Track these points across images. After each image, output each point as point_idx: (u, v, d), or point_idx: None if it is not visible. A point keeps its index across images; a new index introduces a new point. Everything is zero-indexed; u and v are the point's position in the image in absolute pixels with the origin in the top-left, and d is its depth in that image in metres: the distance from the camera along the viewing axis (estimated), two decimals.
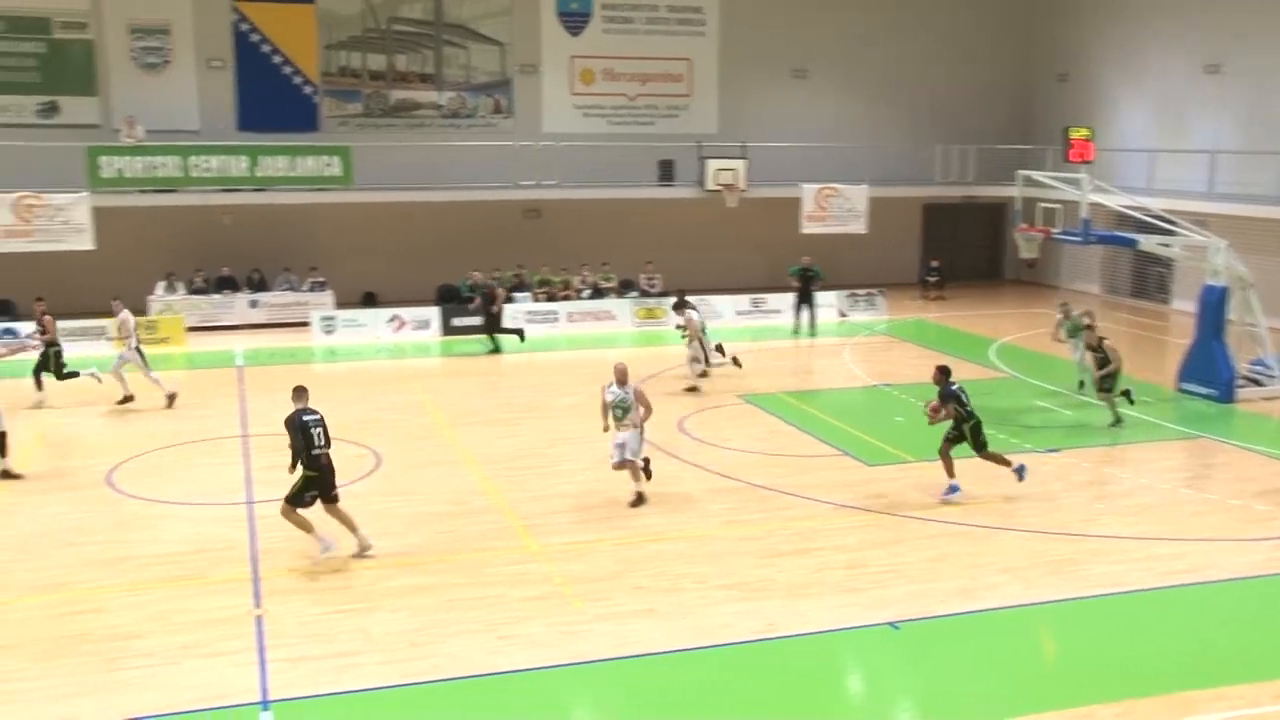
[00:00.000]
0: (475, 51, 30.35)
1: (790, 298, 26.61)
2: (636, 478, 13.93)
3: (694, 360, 20.30)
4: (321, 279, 27.53)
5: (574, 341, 25.48)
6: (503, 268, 28.20)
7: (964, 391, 14.03)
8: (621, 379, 13.92)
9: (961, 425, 13.92)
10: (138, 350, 19.19)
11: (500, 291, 25.10)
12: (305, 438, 11.71)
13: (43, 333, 19.46)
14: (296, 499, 11.90)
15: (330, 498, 12.06)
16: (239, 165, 26.42)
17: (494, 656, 9.94)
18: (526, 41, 30.61)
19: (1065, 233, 20.27)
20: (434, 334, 25.94)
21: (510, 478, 15.08)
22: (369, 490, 14.56)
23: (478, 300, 24.99)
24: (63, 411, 18.74)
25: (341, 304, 27.05)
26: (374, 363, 23.50)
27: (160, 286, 26.35)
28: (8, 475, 14.85)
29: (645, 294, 28.72)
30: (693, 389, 19.98)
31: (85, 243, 24.66)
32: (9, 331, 23.49)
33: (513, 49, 30.55)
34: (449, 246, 28.76)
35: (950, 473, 14.00)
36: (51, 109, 27.44)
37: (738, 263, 31.28)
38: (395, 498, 14.28)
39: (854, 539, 12.81)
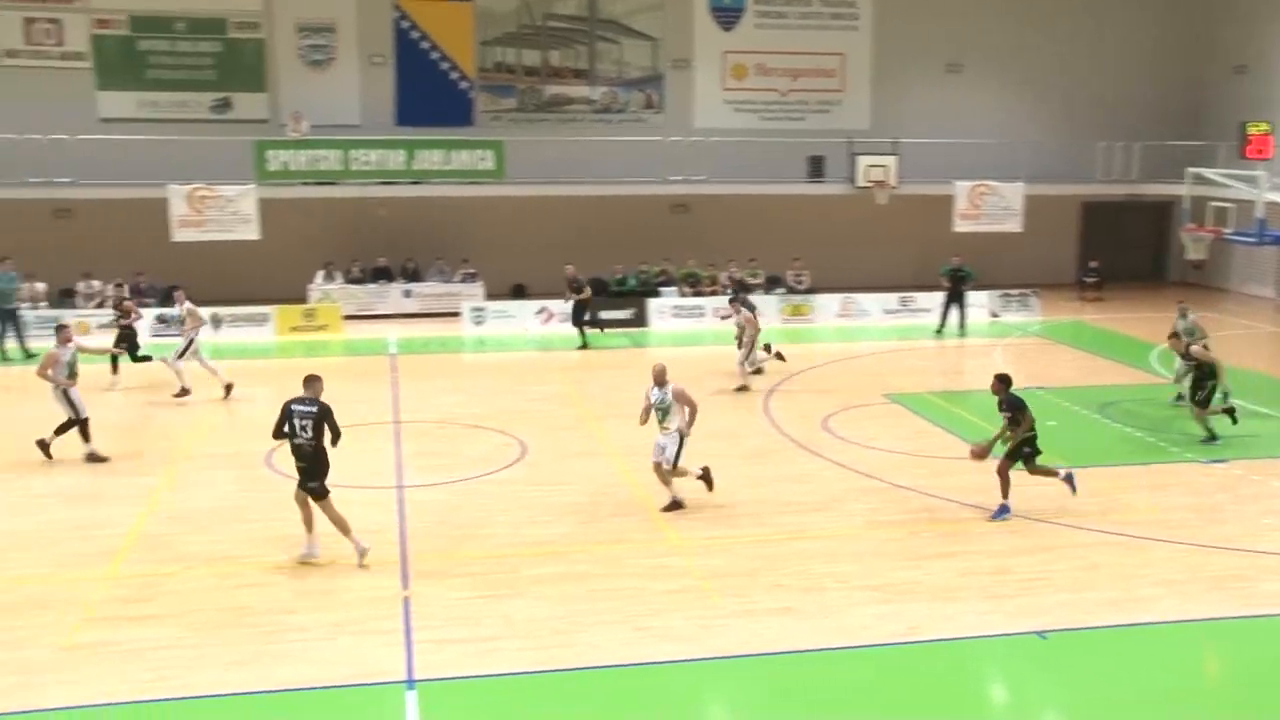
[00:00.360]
0: (628, 47, 30.59)
1: (939, 297, 26.09)
2: (666, 483, 13.51)
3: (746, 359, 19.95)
4: (473, 270, 28.16)
5: (719, 337, 25.46)
6: (649, 262, 28.37)
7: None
8: (660, 380, 13.38)
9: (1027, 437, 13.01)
10: (190, 343, 19.39)
11: (586, 288, 24.86)
12: (289, 426, 11.71)
13: (124, 317, 20.29)
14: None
15: (313, 491, 11.75)
16: (396, 159, 27.20)
17: (632, 647, 10.03)
18: (679, 37, 30.70)
19: (1238, 233, 19.39)
20: None
21: (652, 472, 15.14)
22: (515, 478, 14.85)
23: (571, 295, 24.74)
24: (229, 396, 19.54)
25: (491, 295, 27.62)
26: (522, 354, 23.92)
27: (319, 276, 27.33)
28: (94, 458, 15.48)
29: (792, 290, 28.54)
30: (743, 388, 19.66)
31: (251, 232, 25.75)
32: (173, 317, 24.64)
33: (665, 44, 30.69)
34: (597, 240, 29.07)
35: (1005, 493, 13.23)
36: (225, 105, 28.71)
37: (887, 260, 30.83)
38: (540, 487, 14.52)
39: (1001, 544, 12.50)
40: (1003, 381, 13.21)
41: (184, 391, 19.09)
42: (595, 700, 9.32)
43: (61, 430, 15.42)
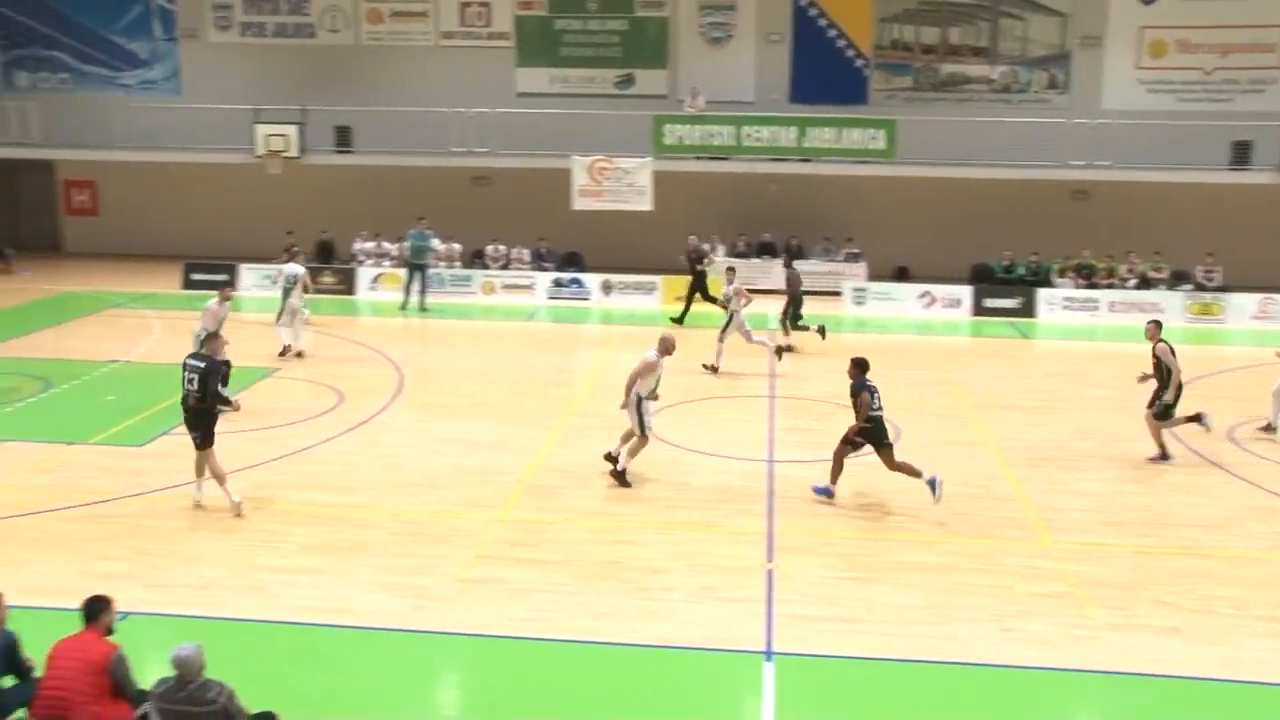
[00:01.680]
0: (1034, 23, 29.12)
1: None
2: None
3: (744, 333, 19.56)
4: (856, 250, 27.95)
5: (1112, 333, 23.91)
6: (1042, 253, 27.02)
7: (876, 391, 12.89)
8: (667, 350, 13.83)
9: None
10: (289, 304, 20.00)
11: (709, 258, 24.48)
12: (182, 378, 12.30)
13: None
14: None
15: (195, 441, 12.25)
16: (788, 136, 27.41)
17: (998, 647, 9.68)
18: (1091, 12, 28.85)
19: None
20: (965, 313, 25.48)
21: (1031, 467, 14.52)
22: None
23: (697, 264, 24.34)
24: (611, 354, 20.53)
25: (874, 276, 27.31)
26: (901, 337, 23.51)
27: (707, 248, 28.05)
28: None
29: (1201, 287, 26.26)
30: (711, 367, 19.08)
31: (645, 204, 26.86)
32: (575, 281, 26.19)
33: (1075, 20, 28.95)
34: (987, 225, 28.02)
35: (835, 478, 12.99)
36: (628, 81, 30.03)
37: None
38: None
39: None
40: (859, 366, 12.98)
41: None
42: (953, 696, 9.08)
43: None
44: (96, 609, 7.57)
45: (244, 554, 11.36)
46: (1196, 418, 14.95)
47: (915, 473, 12.92)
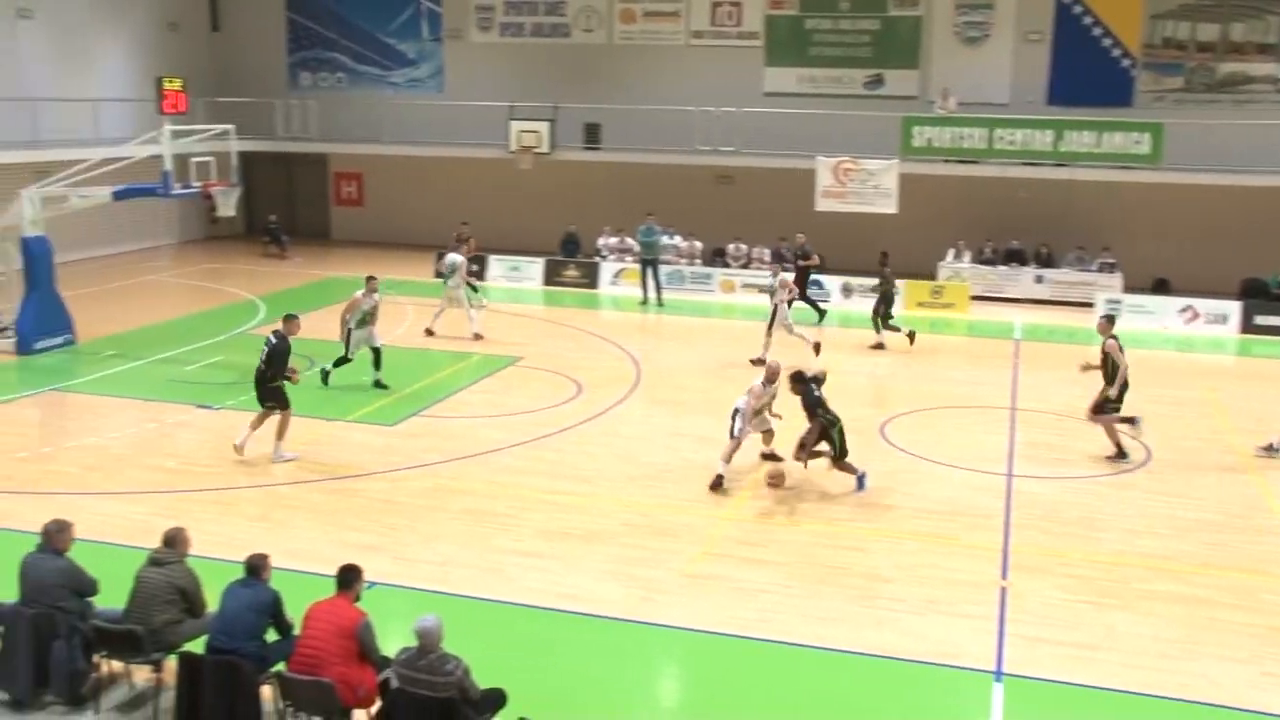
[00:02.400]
0: None
1: None
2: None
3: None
4: (1112, 260, 26.57)
5: None
6: None
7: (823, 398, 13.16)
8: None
9: (829, 431, 13.10)
10: (448, 291, 20.88)
11: (815, 258, 23.89)
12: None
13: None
14: None
15: (276, 408, 14.06)
16: (1043, 139, 26.33)
17: (1257, 692, 9.02)
18: None
19: None
20: (1232, 330, 23.82)
21: None
22: (1134, 483, 13.93)
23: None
24: (848, 358, 20.29)
25: (1130, 288, 25.87)
26: (1158, 353, 22.19)
27: (949, 253, 27.31)
28: (380, 385, 17.24)
29: None
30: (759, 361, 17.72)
31: (889, 206, 26.35)
32: (815, 282, 25.95)
33: None
34: (1260, 236, 26.11)
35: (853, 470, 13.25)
36: (877, 81, 29.55)
37: None
38: (1163, 498, 13.47)
39: None
40: (798, 380, 13.24)
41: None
42: None
43: None
44: (349, 577, 8.05)
45: (483, 536, 11.83)
46: (1130, 420, 14.60)
47: (852, 469, 13.30)
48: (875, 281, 21.77)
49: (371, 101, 32.05)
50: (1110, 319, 15.63)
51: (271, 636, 8.24)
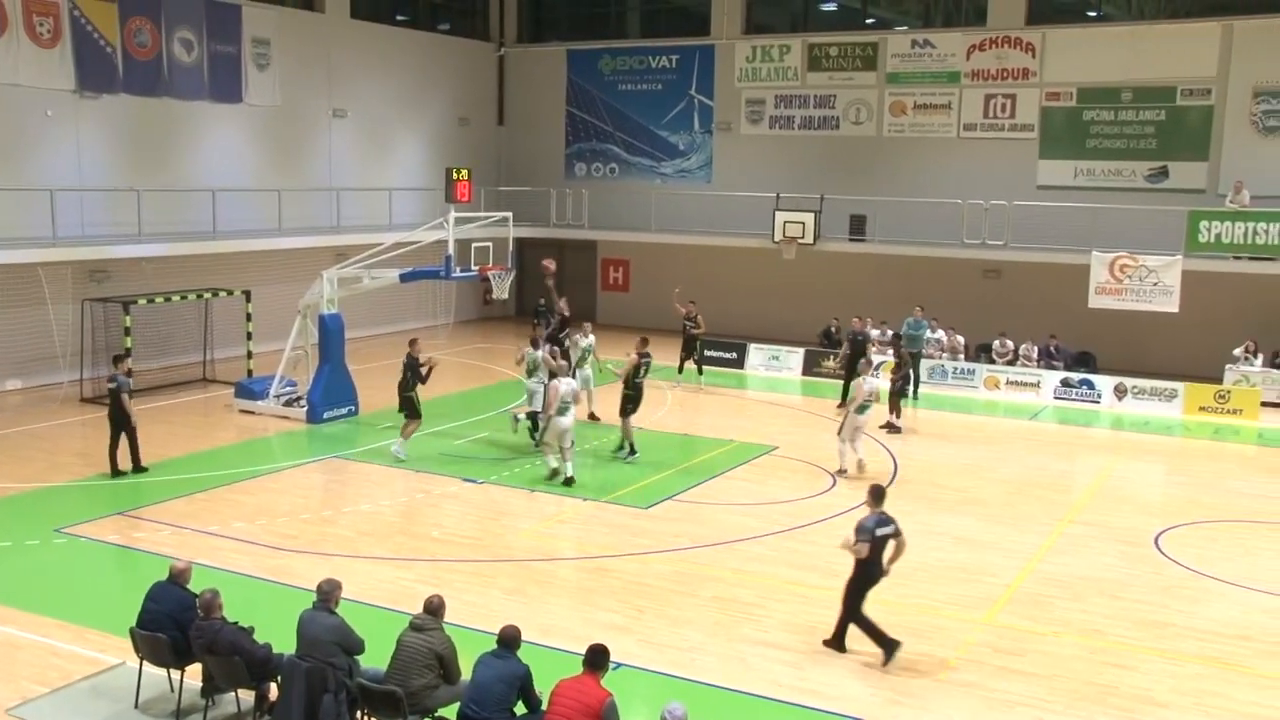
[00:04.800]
0: None
1: None
2: None
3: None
4: None
5: None
6: None
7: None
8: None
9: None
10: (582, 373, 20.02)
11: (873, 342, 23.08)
12: None
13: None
14: None
15: (407, 415, 18.01)
16: None
17: None
18: None
19: None
20: None
21: None
22: None
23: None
24: (1119, 461, 19.20)
25: None
26: None
27: (1239, 355, 25.49)
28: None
29: None
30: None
31: (1170, 305, 24.88)
32: (1085, 382, 24.75)
33: None
34: None
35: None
36: (1161, 173, 28.18)
37: None
38: None
39: None
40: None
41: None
42: None
43: None
44: (599, 658, 8.16)
45: (729, 624, 11.77)
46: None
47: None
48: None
49: (641, 190, 33.17)
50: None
51: (520, 709, 8.44)
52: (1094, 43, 28.73)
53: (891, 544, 11.05)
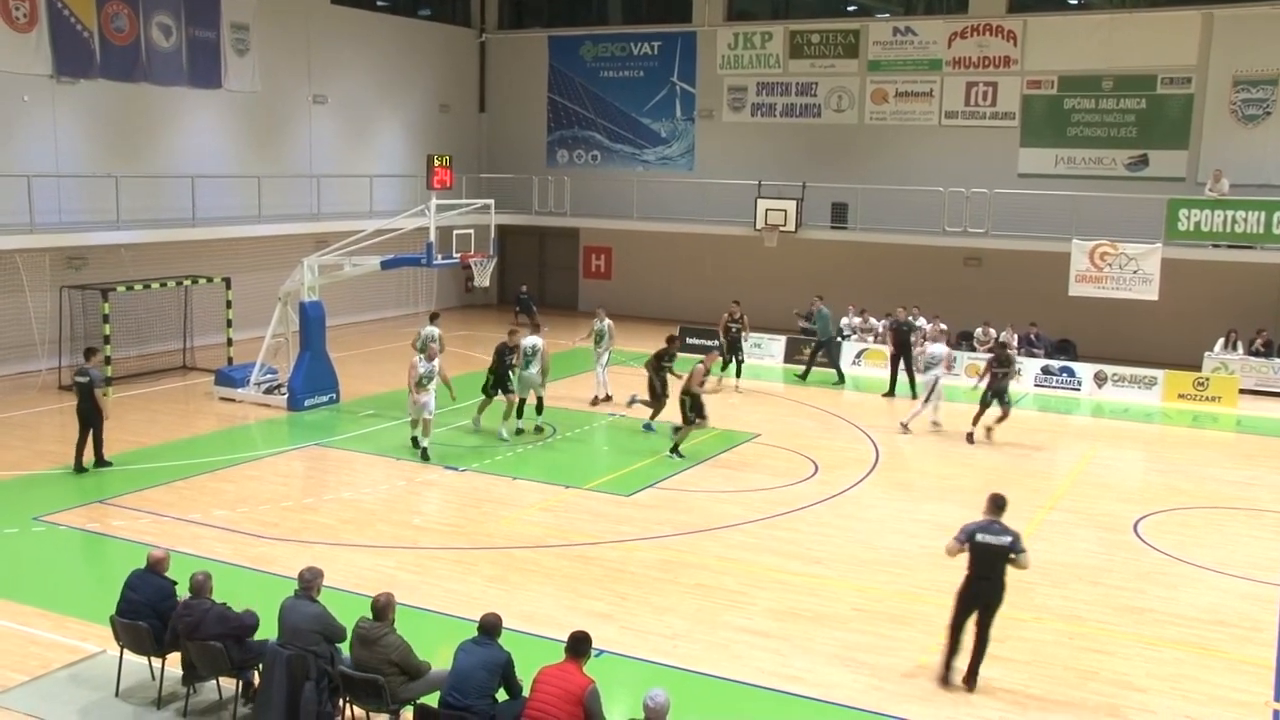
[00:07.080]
0: None
1: None
2: None
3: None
4: None
5: None
6: None
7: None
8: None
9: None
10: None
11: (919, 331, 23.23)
12: None
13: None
14: None
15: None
16: None
17: None
18: None
19: None
20: None
21: None
22: None
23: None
24: (1098, 449, 19.32)
25: None
26: None
27: (1219, 344, 25.64)
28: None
29: None
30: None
31: (1150, 293, 25.03)
32: (1066, 370, 24.85)
33: None
34: None
35: None
36: (1141, 162, 28.30)
37: None
38: None
39: None
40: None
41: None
42: None
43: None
44: (581, 645, 8.15)
45: (712, 611, 11.79)
46: None
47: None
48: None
49: (624, 178, 33.12)
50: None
51: (502, 696, 8.43)
52: (1075, 31, 28.79)
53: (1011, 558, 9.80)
